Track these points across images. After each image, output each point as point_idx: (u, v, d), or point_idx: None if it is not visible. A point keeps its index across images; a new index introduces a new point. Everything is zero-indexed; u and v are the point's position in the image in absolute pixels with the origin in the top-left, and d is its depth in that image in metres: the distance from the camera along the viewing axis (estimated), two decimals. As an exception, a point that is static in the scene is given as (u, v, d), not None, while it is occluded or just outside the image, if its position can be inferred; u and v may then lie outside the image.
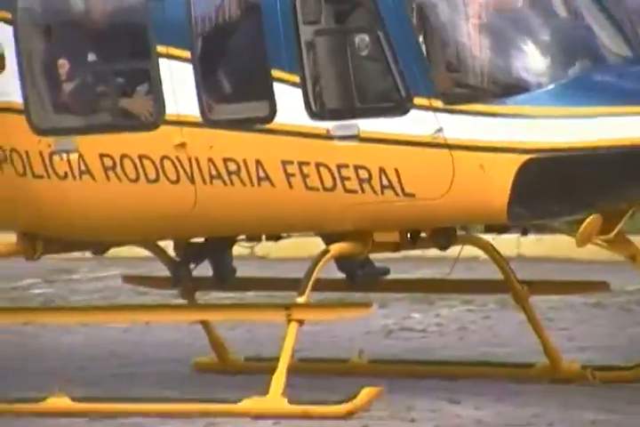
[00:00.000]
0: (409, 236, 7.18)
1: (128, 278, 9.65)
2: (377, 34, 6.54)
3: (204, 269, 8.39)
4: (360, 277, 7.83)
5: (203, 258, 8.04)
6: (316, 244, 8.23)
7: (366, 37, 6.59)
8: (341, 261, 7.67)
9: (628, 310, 11.12)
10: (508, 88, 6.54)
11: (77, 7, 7.46)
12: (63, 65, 7.38)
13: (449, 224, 7.13)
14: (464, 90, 6.61)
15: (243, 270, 8.70)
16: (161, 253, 8.53)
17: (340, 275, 7.93)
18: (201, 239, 7.95)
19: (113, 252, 9.12)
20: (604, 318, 10.74)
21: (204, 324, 8.34)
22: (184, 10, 7.01)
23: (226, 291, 9.47)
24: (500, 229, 7.78)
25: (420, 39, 6.59)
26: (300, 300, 6.83)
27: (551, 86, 6.43)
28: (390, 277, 8.19)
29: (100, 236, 7.86)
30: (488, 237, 8.28)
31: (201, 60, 7.04)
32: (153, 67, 7.09)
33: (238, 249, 8.53)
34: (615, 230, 6.60)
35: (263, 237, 8.18)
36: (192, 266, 8.08)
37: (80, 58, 7.45)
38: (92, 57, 7.46)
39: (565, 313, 10.70)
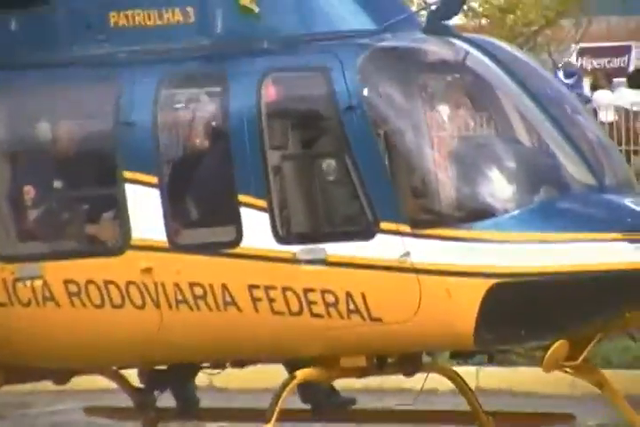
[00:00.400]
0: (375, 361, 7.08)
1: (91, 410, 9.29)
2: (344, 159, 6.65)
3: (167, 400, 8.20)
4: (326, 406, 7.68)
5: (167, 385, 7.87)
6: (276, 374, 8.10)
7: (333, 162, 6.70)
8: (306, 391, 7.56)
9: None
10: (474, 213, 6.59)
11: (44, 134, 7.52)
12: (28, 191, 7.40)
13: (416, 349, 7.05)
14: (430, 215, 6.65)
15: (203, 402, 8.49)
16: (123, 381, 8.35)
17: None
18: (164, 367, 7.80)
19: (70, 384, 8.90)
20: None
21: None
22: (151, 136, 7.10)
23: (189, 421, 9.17)
24: (465, 356, 7.70)
25: (387, 164, 6.70)
26: (267, 427, 6.69)
27: (517, 212, 6.52)
28: (355, 407, 8.07)
29: (65, 363, 7.67)
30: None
31: (168, 185, 7.10)
32: (119, 192, 7.11)
33: (197, 380, 8.36)
34: (581, 357, 6.56)
35: (226, 365, 8.07)
36: (156, 394, 7.90)
37: (46, 184, 7.47)
38: (57, 183, 7.49)
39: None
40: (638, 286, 6.33)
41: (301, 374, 6.88)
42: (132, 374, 8.32)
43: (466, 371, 9.33)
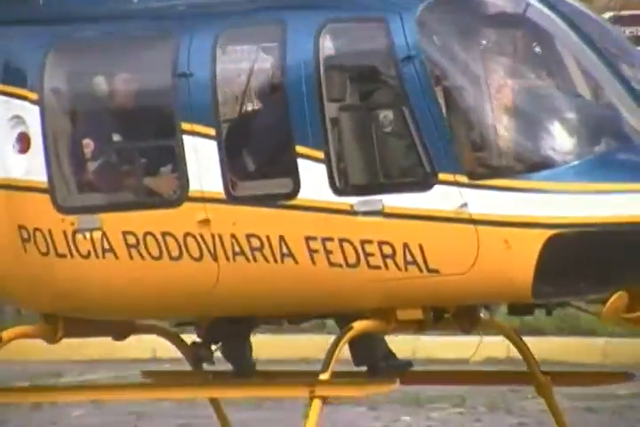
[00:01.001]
0: (432, 315, 7.08)
1: (147, 374, 9.37)
2: (402, 110, 6.63)
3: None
4: (383, 369, 7.68)
5: (224, 340, 7.92)
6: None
7: (391, 114, 6.68)
8: (362, 353, 7.58)
9: (619, 414, 10.95)
10: (532, 164, 6.56)
11: (102, 87, 7.60)
12: (88, 144, 7.49)
13: (473, 301, 7.02)
14: (489, 165, 6.63)
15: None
16: (177, 339, 8.44)
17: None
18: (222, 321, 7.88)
19: (102, 354, 9.02)
20: (595, 424, 10.63)
21: (215, 406, 8.34)
22: (209, 87, 7.13)
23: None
24: (523, 312, 7.65)
25: (445, 115, 6.67)
26: (324, 377, 6.71)
27: (576, 162, 6.46)
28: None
29: (124, 315, 7.82)
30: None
31: (225, 136, 7.15)
32: (177, 144, 7.16)
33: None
34: None
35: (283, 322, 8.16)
36: (214, 347, 7.96)
37: (104, 137, 7.56)
38: (116, 136, 7.57)
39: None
40: None
41: (358, 325, 6.87)
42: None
43: (496, 340, 9.36)
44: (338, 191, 6.74)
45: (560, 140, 6.63)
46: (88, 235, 7.31)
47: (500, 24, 7.02)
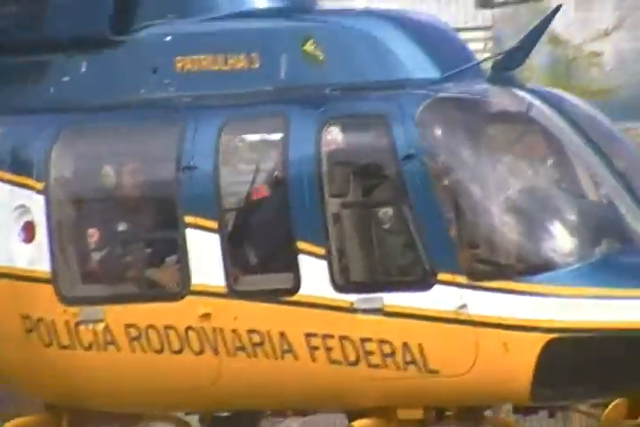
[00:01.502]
0: (434, 413, 7.05)
1: None
2: (403, 209, 6.73)
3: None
4: None
5: None
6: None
7: (391, 211, 6.77)
8: None
9: None
10: (533, 266, 6.59)
11: (107, 178, 7.74)
12: (92, 234, 7.63)
13: (472, 403, 7.04)
14: (489, 266, 6.66)
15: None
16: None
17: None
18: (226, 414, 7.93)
19: None
20: None
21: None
22: (212, 182, 7.26)
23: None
24: (528, 411, 7.62)
25: (445, 215, 6.74)
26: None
27: (577, 265, 6.47)
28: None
29: (127, 407, 7.88)
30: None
31: (227, 230, 7.25)
32: (180, 237, 7.28)
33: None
34: None
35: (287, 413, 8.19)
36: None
37: (109, 228, 7.69)
38: (120, 226, 7.70)
39: None
40: None
41: (358, 424, 6.92)
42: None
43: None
44: (338, 288, 6.80)
45: (561, 241, 6.67)
46: (91, 326, 7.41)
47: (502, 123, 7.12)
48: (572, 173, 6.90)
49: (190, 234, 7.22)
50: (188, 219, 7.25)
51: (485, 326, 6.45)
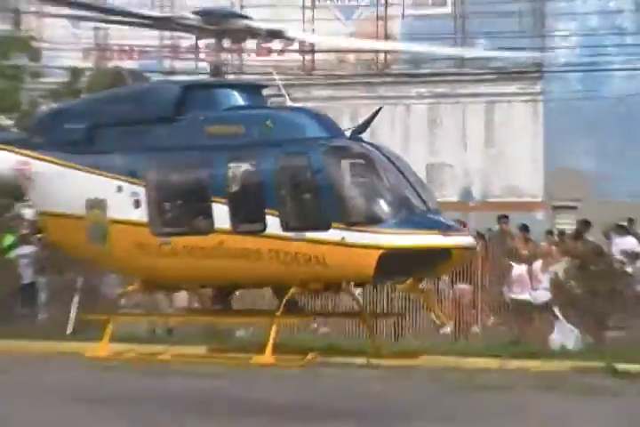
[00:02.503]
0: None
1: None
2: (317, 191, 14.76)
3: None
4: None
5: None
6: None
7: (312, 193, 14.82)
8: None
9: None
10: (376, 220, 14.37)
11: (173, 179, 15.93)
12: (165, 205, 15.66)
13: (344, 280, 14.94)
14: (355, 220, 14.35)
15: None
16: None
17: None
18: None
19: None
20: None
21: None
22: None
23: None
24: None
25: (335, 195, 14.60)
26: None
27: (395, 220, 14.34)
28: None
29: (181, 283, 16.27)
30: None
31: (230, 200, 15.19)
32: (207, 204, 15.12)
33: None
34: (419, 283, 15.11)
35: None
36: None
37: (173, 202, 15.79)
38: (177, 200, 15.86)
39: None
40: (443, 256, 14.25)
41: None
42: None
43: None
44: (285, 229, 14.33)
45: (389, 210, 14.41)
46: (167, 246, 15.00)
47: (358, 157, 14.90)
48: (393, 182, 14.66)
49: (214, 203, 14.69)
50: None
51: (354, 246, 14.01)
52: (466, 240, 14.52)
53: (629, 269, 16.61)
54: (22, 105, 21.92)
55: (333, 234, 13.95)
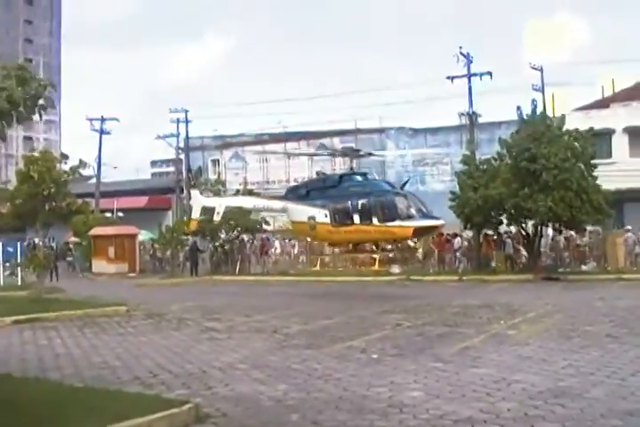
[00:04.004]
0: None
1: None
2: None
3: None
4: None
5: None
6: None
7: None
8: None
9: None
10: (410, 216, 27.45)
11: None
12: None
13: None
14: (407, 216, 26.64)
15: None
16: None
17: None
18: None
19: None
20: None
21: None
22: None
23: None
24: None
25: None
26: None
27: (416, 216, 27.87)
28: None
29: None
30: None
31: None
32: None
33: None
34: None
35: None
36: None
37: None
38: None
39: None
40: (433, 228, 30.35)
41: None
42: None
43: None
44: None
45: (414, 212, 28.17)
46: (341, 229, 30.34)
47: None
48: (415, 203, 29.13)
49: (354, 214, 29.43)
50: None
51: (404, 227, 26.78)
52: (440, 222, 28.96)
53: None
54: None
55: (396, 222, 28.25)
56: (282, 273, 44.65)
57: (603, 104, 52.51)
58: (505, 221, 40.09)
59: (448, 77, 44.68)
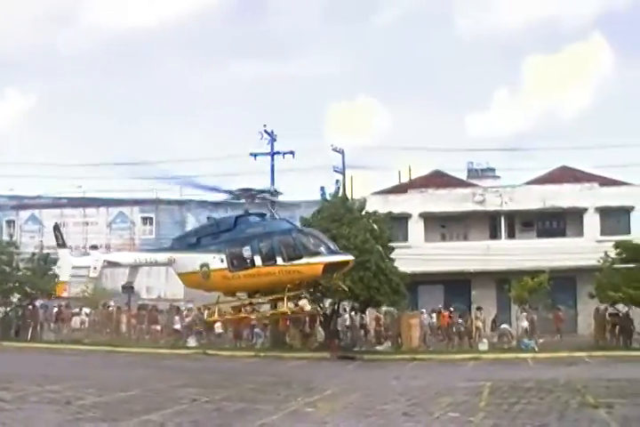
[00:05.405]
0: None
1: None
2: None
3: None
4: None
5: None
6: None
7: None
8: None
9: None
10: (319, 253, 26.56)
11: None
12: None
13: None
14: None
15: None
16: None
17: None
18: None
19: None
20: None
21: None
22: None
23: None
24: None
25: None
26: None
27: (324, 252, 27.40)
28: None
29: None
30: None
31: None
32: None
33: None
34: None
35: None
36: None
37: None
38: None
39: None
40: (342, 264, 27.69)
41: None
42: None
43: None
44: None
45: (322, 249, 27.05)
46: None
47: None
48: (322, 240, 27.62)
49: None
50: None
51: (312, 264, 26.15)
52: (350, 257, 27.66)
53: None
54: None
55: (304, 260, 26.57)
56: (76, 341, 42.79)
57: (400, 189, 54.37)
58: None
59: (251, 154, 45.31)
